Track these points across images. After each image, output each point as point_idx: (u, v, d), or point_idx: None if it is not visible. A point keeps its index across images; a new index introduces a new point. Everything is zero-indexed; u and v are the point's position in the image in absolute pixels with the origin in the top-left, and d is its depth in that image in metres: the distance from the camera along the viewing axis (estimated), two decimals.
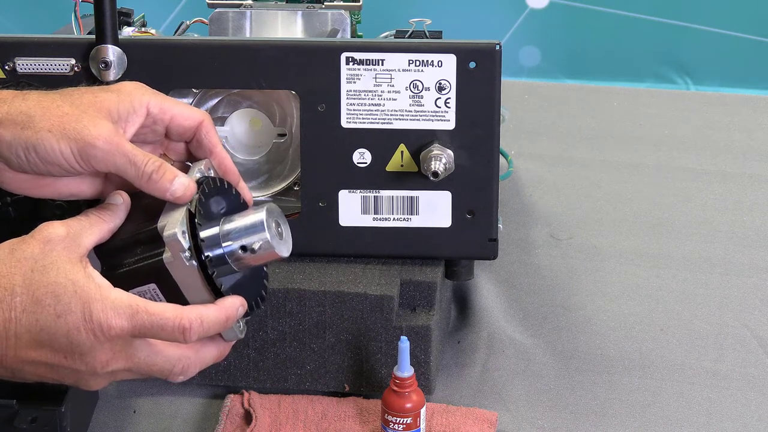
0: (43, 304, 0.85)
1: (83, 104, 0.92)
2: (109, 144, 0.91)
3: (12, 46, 1.09)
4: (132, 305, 0.87)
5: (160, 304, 0.89)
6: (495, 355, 1.20)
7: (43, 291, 0.85)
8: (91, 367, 0.87)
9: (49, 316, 0.85)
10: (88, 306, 0.86)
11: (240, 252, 0.92)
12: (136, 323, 0.87)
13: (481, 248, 1.14)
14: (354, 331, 1.11)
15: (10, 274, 0.85)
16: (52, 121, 0.90)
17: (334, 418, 1.10)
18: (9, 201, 1.10)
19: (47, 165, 0.91)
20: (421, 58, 1.10)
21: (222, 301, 0.91)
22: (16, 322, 0.85)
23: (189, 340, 0.89)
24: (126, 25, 1.25)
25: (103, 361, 0.88)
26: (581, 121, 1.70)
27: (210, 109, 1.16)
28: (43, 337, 0.85)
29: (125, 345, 0.88)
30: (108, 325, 0.86)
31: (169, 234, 0.89)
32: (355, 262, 1.14)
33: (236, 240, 0.92)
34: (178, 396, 1.15)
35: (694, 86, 2.00)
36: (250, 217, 0.93)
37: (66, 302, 0.85)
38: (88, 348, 0.86)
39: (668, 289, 1.30)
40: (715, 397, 1.15)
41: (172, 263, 0.90)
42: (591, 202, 1.48)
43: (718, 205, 1.46)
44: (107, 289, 0.87)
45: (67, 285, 0.86)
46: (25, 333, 0.85)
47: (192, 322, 0.88)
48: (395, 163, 1.12)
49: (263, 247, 0.92)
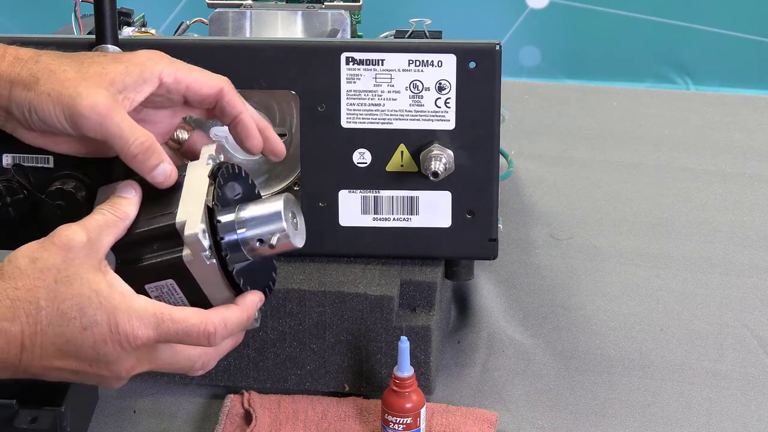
0: (68, 316, 0.85)
1: (88, 73, 0.92)
2: (98, 114, 0.91)
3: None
4: (157, 314, 0.87)
5: (184, 309, 0.89)
6: (495, 355, 1.20)
7: (68, 304, 0.85)
8: (117, 374, 0.88)
9: (75, 329, 0.85)
10: (113, 317, 0.86)
11: (257, 244, 0.92)
12: (161, 332, 0.87)
13: (481, 248, 1.14)
14: (354, 331, 1.11)
15: (35, 287, 0.85)
16: (53, 84, 0.91)
17: (334, 418, 1.10)
18: (9, 201, 1.10)
19: (46, 126, 0.92)
20: (421, 58, 1.10)
21: (242, 300, 0.92)
22: (42, 335, 0.85)
23: (214, 344, 0.90)
24: (126, 25, 1.25)
25: (128, 368, 0.88)
26: (581, 121, 1.70)
27: None
28: (69, 348, 0.86)
29: (150, 351, 0.89)
30: (134, 336, 0.86)
31: (190, 234, 0.89)
32: (355, 262, 1.14)
33: (253, 231, 0.92)
34: (178, 396, 1.15)
35: (694, 86, 2.01)
36: (267, 209, 0.93)
37: (91, 314, 0.85)
38: (115, 358, 0.87)
39: (668, 289, 1.30)
40: (715, 397, 1.15)
41: (192, 261, 0.89)
42: (591, 202, 1.48)
43: (718, 205, 1.46)
44: (131, 297, 0.87)
45: (92, 296, 0.86)
46: (51, 345, 0.85)
47: (216, 327, 0.89)
48: (395, 163, 1.12)
49: (281, 240, 0.92)
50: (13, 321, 0.84)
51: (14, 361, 0.85)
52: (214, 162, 0.95)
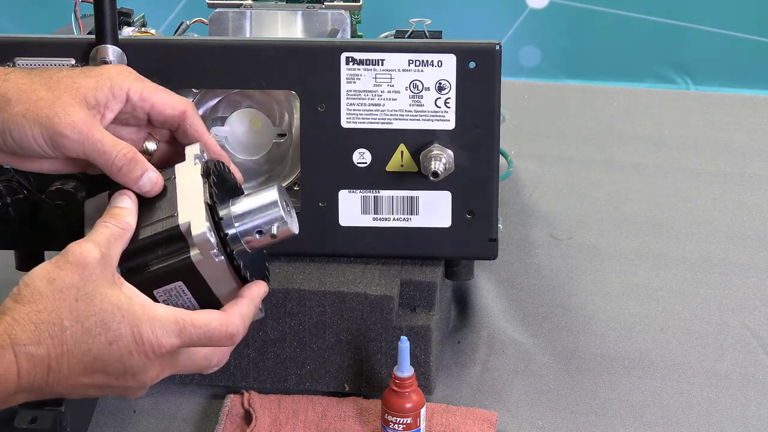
0: (93, 333, 0.85)
1: (59, 89, 0.92)
2: (79, 133, 0.91)
3: (12, 46, 1.09)
4: (178, 321, 0.88)
5: (203, 313, 0.89)
6: (495, 355, 1.20)
7: (91, 321, 0.85)
8: (142, 383, 0.89)
9: (101, 345, 0.85)
10: (137, 329, 0.86)
11: (256, 235, 0.93)
12: (184, 338, 0.88)
13: (481, 248, 1.14)
14: (354, 331, 1.11)
15: (57, 308, 0.85)
16: (26, 105, 0.91)
17: (334, 418, 1.10)
18: (9, 201, 1.10)
19: (21, 149, 0.92)
20: (421, 58, 1.10)
21: (249, 292, 0.92)
22: (68, 354, 0.85)
23: (236, 343, 0.91)
24: (126, 25, 1.25)
25: (153, 377, 0.89)
26: (581, 121, 1.70)
27: (210, 109, 1.16)
28: (96, 364, 0.86)
29: (172, 357, 0.89)
30: (159, 345, 0.87)
31: (198, 234, 0.89)
32: (355, 262, 1.14)
33: (252, 223, 0.93)
34: (178, 396, 1.15)
35: (694, 86, 2.01)
36: (262, 200, 0.94)
37: (115, 328, 0.85)
38: (141, 368, 0.87)
39: (668, 289, 1.30)
40: (715, 397, 1.15)
41: (201, 261, 0.90)
42: (591, 202, 1.48)
43: (718, 205, 1.47)
44: (151, 307, 0.87)
45: (114, 311, 0.86)
46: (78, 363, 0.85)
47: (237, 327, 0.90)
48: (395, 163, 1.12)
49: (280, 227, 0.93)
50: (39, 344, 0.84)
51: (41, 383, 0.85)
52: (202, 161, 0.95)
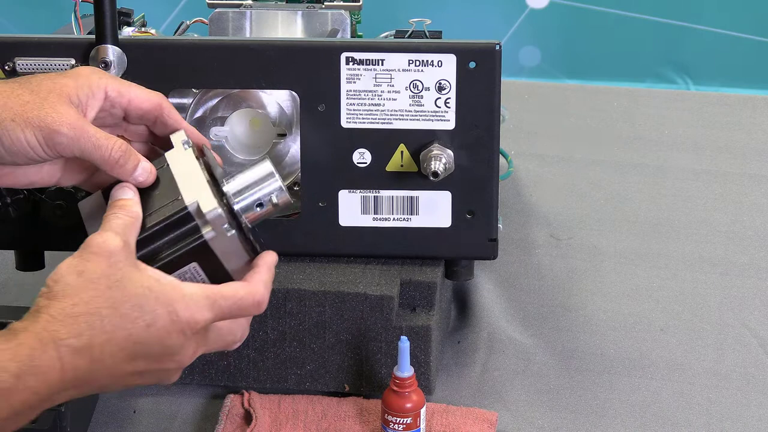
0: (131, 318, 0.85)
1: (43, 91, 0.92)
2: (74, 129, 0.91)
3: (12, 46, 1.09)
4: (208, 295, 0.88)
5: (229, 285, 0.90)
6: (495, 355, 1.20)
7: (127, 306, 0.85)
8: (180, 363, 0.89)
9: (140, 329, 0.85)
10: (172, 308, 0.87)
11: (257, 208, 0.95)
12: (217, 311, 0.89)
13: (481, 248, 1.14)
14: (354, 331, 1.11)
15: (92, 299, 0.85)
16: (14, 110, 0.90)
17: (334, 418, 1.10)
18: (9, 201, 1.10)
19: (12, 155, 0.91)
20: (421, 58, 1.10)
21: (263, 260, 0.93)
22: (109, 343, 0.85)
23: (263, 309, 0.92)
24: (126, 25, 1.25)
25: (190, 354, 0.89)
26: (581, 121, 1.70)
27: (210, 109, 1.16)
28: (137, 349, 0.86)
29: (204, 333, 0.90)
30: (194, 321, 0.87)
31: (209, 211, 0.90)
32: (355, 262, 1.14)
33: (253, 196, 0.95)
34: (178, 396, 1.15)
35: (694, 86, 2.01)
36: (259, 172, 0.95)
37: (151, 311, 0.86)
38: (179, 347, 0.88)
39: (668, 289, 1.30)
40: (715, 397, 1.15)
41: (214, 238, 0.91)
42: (591, 202, 1.48)
43: (718, 205, 1.47)
44: (180, 285, 0.88)
45: (146, 293, 0.86)
46: (120, 351, 0.85)
47: (263, 294, 0.91)
48: (395, 163, 1.12)
49: (279, 196, 0.95)
50: (80, 336, 0.84)
51: (85, 376, 0.85)
52: (190, 146, 0.96)
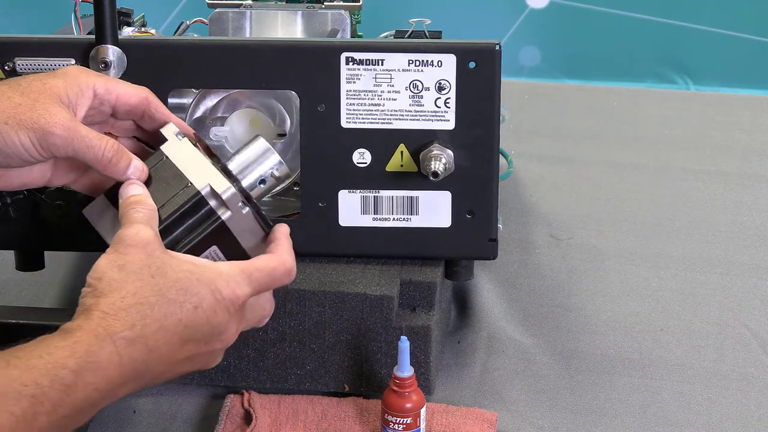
0: (179, 302, 0.86)
1: (33, 92, 0.93)
2: (67, 130, 0.92)
3: (12, 46, 1.09)
4: (244, 270, 0.90)
5: (260, 258, 0.92)
6: (495, 355, 1.20)
7: (173, 291, 0.86)
8: (225, 342, 0.90)
9: (189, 311, 0.87)
10: (214, 286, 0.88)
11: (260, 185, 0.97)
12: (255, 284, 0.91)
13: (481, 248, 1.13)
14: (354, 331, 1.11)
15: (139, 289, 0.85)
16: (6, 113, 0.91)
17: (334, 418, 1.10)
18: (9, 201, 1.10)
19: (6, 157, 0.92)
20: (421, 58, 1.10)
21: (279, 232, 0.95)
22: (163, 330, 0.86)
23: (293, 276, 0.94)
24: (126, 25, 1.25)
25: (234, 332, 0.91)
26: (581, 121, 1.70)
27: (210, 109, 1.16)
28: (188, 332, 0.87)
29: (243, 309, 0.91)
30: (236, 296, 0.89)
31: (224, 190, 0.92)
32: (355, 262, 1.14)
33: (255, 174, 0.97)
34: (178, 396, 1.15)
35: (694, 86, 2.01)
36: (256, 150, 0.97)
37: (196, 292, 0.87)
38: (225, 325, 0.89)
39: (668, 289, 1.30)
40: (715, 397, 1.15)
41: (231, 217, 0.93)
42: (591, 202, 1.48)
43: (718, 205, 1.47)
44: (215, 265, 0.90)
45: (188, 276, 0.87)
46: (173, 335, 0.86)
47: (291, 262, 0.93)
48: (395, 163, 1.12)
49: (281, 169, 0.97)
50: (134, 327, 0.84)
51: (142, 367, 0.85)
52: (184, 136, 0.97)
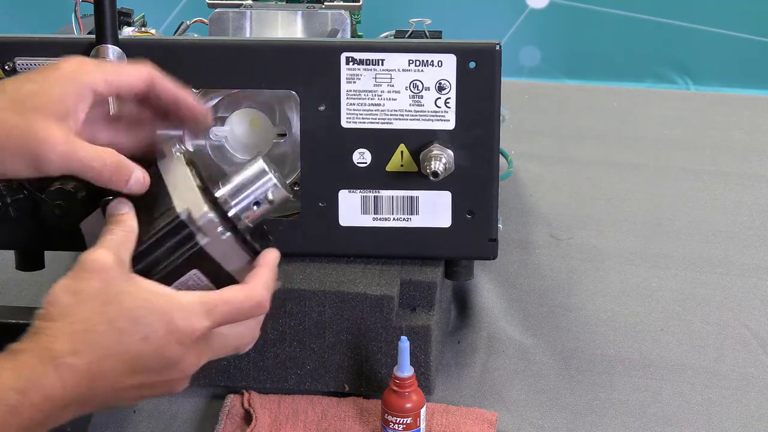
0: (127, 332, 0.85)
1: (27, 109, 0.90)
2: (61, 153, 0.90)
3: (12, 46, 1.09)
4: (205, 302, 0.88)
5: (227, 290, 0.90)
6: (495, 355, 1.20)
7: (123, 321, 0.86)
8: (183, 373, 0.89)
9: (137, 342, 0.86)
10: (167, 317, 0.86)
11: (254, 207, 0.94)
12: (215, 318, 0.88)
13: (481, 248, 1.13)
14: (354, 331, 1.11)
15: (88, 317, 0.85)
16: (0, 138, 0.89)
17: (334, 418, 1.10)
18: (9, 201, 1.10)
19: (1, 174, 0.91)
20: (421, 58, 1.10)
21: (263, 260, 0.93)
22: (108, 358, 0.85)
23: (266, 311, 0.91)
24: (126, 25, 1.25)
25: (193, 363, 0.89)
26: (581, 121, 1.70)
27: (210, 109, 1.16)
28: (136, 362, 0.86)
29: (207, 340, 0.89)
30: (192, 329, 0.87)
31: (199, 217, 0.90)
32: (355, 262, 1.14)
33: (249, 197, 0.94)
34: (178, 396, 1.15)
35: (694, 86, 2.01)
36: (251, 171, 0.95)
37: (147, 323, 0.86)
38: (180, 357, 0.87)
39: (668, 289, 1.30)
40: (715, 397, 1.15)
41: (210, 243, 0.91)
42: (591, 202, 1.48)
43: (718, 205, 1.47)
44: (174, 295, 0.88)
45: (142, 306, 0.86)
46: (120, 364, 0.86)
47: (262, 294, 0.90)
48: (395, 163, 1.12)
49: (276, 193, 0.94)
50: (78, 354, 0.84)
51: (86, 393, 0.85)
52: (182, 153, 0.96)
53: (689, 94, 1.95)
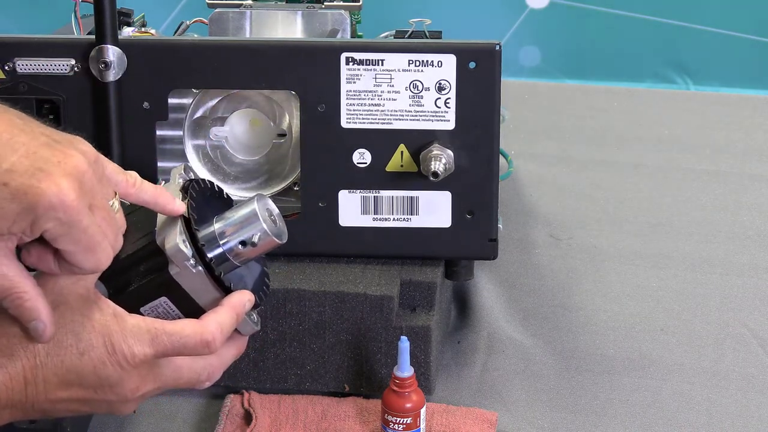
0: (64, 344, 0.85)
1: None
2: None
3: (12, 46, 1.09)
4: (151, 330, 0.87)
5: (178, 322, 0.88)
6: (495, 355, 1.20)
7: (62, 332, 0.85)
8: (122, 396, 0.88)
9: (73, 356, 0.85)
10: (109, 338, 0.86)
11: (240, 247, 0.92)
12: (158, 347, 0.87)
13: (481, 248, 1.14)
14: (354, 331, 1.11)
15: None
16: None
17: (334, 418, 1.10)
18: None
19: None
20: (421, 58, 1.10)
21: (229, 300, 0.91)
22: (42, 367, 0.85)
23: (214, 351, 0.89)
24: (126, 25, 1.25)
25: (132, 388, 0.88)
26: (581, 121, 1.70)
27: (210, 109, 1.16)
28: (70, 376, 0.85)
29: (151, 368, 0.88)
30: (132, 354, 0.86)
31: (171, 246, 0.89)
32: (355, 262, 1.14)
33: (235, 236, 0.92)
34: (177, 396, 1.15)
35: (694, 86, 2.01)
36: (243, 211, 0.93)
37: (87, 339, 0.85)
38: (117, 379, 0.86)
39: (668, 289, 1.30)
40: (715, 397, 1.15)
41: (179, 273, 0.89)
42: (591, 202, 1.48)
43: (718, 205, 1.47)
44: (123, 317, 0.87)
45: (84, 321, 0.85)
46: (53, 376, 0.85)
47: (213, 334, 0.88)
48: (395, 164, 1.12)
49: (262, 238, 0.92)
50: (12, 357, 0.84)
51: (21, 398, 0.85)
52: (184, 179, 0.95)
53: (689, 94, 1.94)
